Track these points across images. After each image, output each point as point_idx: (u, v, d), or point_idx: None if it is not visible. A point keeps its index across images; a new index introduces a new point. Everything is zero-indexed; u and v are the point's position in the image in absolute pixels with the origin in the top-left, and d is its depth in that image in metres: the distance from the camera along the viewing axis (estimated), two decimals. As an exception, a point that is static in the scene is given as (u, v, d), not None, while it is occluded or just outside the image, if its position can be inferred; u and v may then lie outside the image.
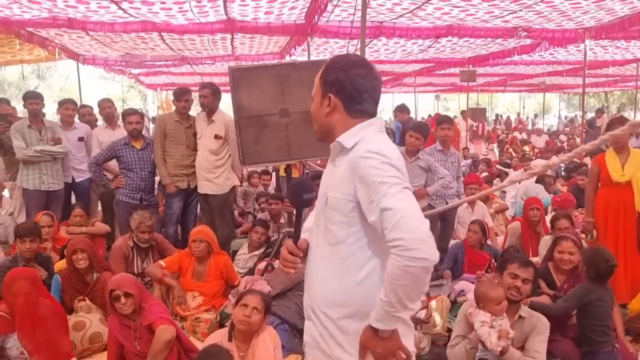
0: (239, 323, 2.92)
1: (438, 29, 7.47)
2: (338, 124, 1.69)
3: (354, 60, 1.70)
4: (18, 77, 25.67)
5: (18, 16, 6.45)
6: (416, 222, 1.44)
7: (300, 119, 4.25)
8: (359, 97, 1.67)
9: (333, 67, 1.69)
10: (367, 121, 1.68)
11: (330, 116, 1.70)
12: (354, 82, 1.65)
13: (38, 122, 5.34)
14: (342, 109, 1.68)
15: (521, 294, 3.10)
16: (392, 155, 1.57)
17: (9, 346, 3.27)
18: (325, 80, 1.69)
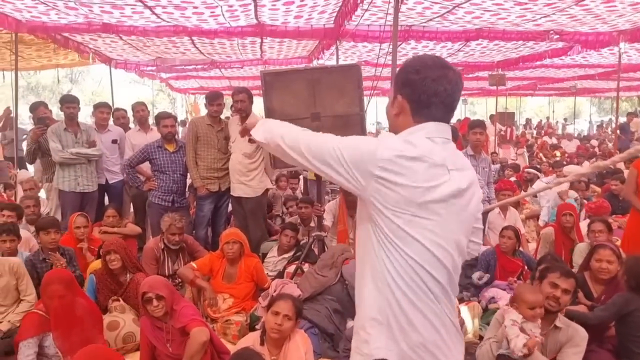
0: (270, 330, 2.93)
1: (468, 32, 7.39)
2: (403, 127, 1.62)
3: (428, 62, 1.59)
4: (52, 81, 26.32)
5: (54, 22, 6.62)
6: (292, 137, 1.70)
7: (331, 122, 4.25)
8: (427, 100, 1.56)
9: (407, 67, 1.61)
10: (417, 125, 1.59)
11: (397, 117, 1.63)
12: (424, 84, 1.56)
13: (74, 125, 5.47)
14: (408, 112, 1.60)
15: (560, 305, 3.01)
16: (387, 146, 1.50)
17: (47, 344, 3.36)
18: (397, 80, 1.63)
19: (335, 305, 3.96)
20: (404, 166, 1.47)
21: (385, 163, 1.47)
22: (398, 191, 1.47)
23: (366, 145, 1.51)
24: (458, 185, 1.55)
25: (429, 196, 1.49)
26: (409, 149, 1.49)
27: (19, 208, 5.09)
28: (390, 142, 1.51)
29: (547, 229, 5.41)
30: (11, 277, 3.91)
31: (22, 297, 3.97)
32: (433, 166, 1.50)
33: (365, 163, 1.49)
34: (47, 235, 4.25)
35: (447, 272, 1.54)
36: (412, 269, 1.50)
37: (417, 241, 1.50)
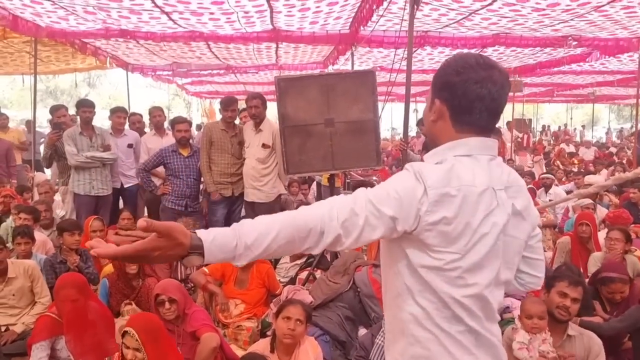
0: (283, 337, 2.91)
1: (484, 39, 7.35)
2: (442, 135, 1.46)
3: (471, 61, 1.40)
4: (70, 85, 26.70)
5: (73, 27, 6.71)
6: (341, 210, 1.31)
7: (345, 129, 4.24)
8: (469, 106, 1.39)
9: (446, 67, 1.44)
10: (458, 141, 1.42)
11: (435, 123, 1.47)
12: (465, 88, 1.38)
13: (89, 129, 5.53)
14: (447, 118, 1.44)
15: (570, 314, 2.95)
16: (429, 183, 1.31)
17: (59, 347, 3.38)
18: (436, 82, 1.46)
19: (347, 313, 3.93)
20: (450, 203, 1.32)
21: (430, 206, 1.31)
22: (443, 230, 1.32)
23: (404, 190, 1.32)
24: (507, 210, 1.40)
25: (478, 231, 1.35)
26: (452, 182, 1.33)
27: (35, 211, 5.13)
28: (430, 180, 1.32)
29: (563, 238, 5.32)
30: (26, 280, 3.95)
31: (37, 300, 4.01)
32: (479, 195, 1.35)
33: (408, 209, 1.31)
34: (71, 236, 4.30)
35: (489, 307, 1.43)
36: (452, 312, 1.38)
37: (460, 282, 1.37)
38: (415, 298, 1.40)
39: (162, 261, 1.29)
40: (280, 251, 1.30)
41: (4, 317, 3.91)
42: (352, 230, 1.30)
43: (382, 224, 1.31)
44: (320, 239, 1.30)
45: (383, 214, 1.30)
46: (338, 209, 1.31)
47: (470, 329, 1.40)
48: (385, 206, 1.30)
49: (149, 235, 1.20)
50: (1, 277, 3.88)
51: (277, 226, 1.27)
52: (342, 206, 1.32)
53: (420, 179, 1.32)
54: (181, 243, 1.19)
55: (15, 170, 7.28)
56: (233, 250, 1.22)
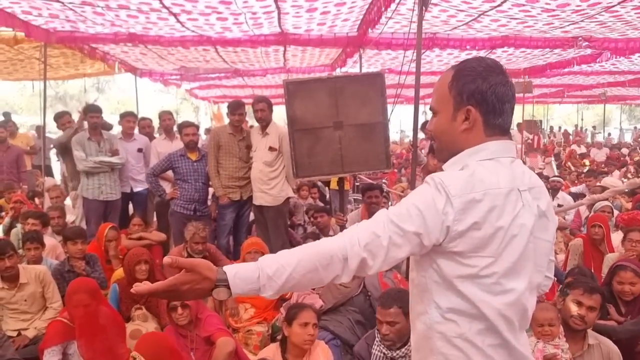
0: (303, 343, 2.90)
1: (494, 40, 7.30)
2: (471, 143, 1.42)
3: (491, 65, 1.42)
4: (79, 91, 26.91)
5: (82, 32, 6.74)
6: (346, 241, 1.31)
7: (354, 131, 4.23)
8: (501, 109, 1.41)
9: (469, 73, 1.41)
10: (478, 146, 1.41)
11: (466, 133, 1.43)
12: (496, 92, 1.39)
13: (97, 134, 5.56)
14: (480, 125, 1.42)
15: (586, 324, 2.86)
16: (454, 194, 1.30)
17: (71, 352, 3.38)
18: (461, 90, 1.41)
19: (358, 317, 3.91)
20: (477, 208, 1.30)
21: (457, 214, 1.29)
22: (474, 235, 1.31)
23: (424, 204, 1.31)
24: (533, 212, 1.39)
25: (508, 233, 1.33)
26: (476, 187, 1.32)
27: (44, 216, 5.16)
28: (453, 189, 1.30)
29: (576, 240, 5.26)
30: (37, 285, 3.97)
31: (48, 305, 4.03)
32: (505, 196, 1.34)
33: (431, 222, 1.30)
34: (74, 245, 4.31)
35: (526, 315, 1.43)
36: (488, 323, 1.36)
37: (498, 289, 1.35)
38: (445, 315, 1.38)
39: (193, 296, 1.33)
40: (306, 281, 1.32)
41: (16, 322, 3.93)
42: (377, 252, 1.30)
43: (407, 242, 1.31)
44: (344, 266, 1.30)
45: (406, 232, 1.30)
46: (359, 234, 1.32)
47: (503, 342, 1.38)
48: (407, 223, 1.30)
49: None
50: (13, 283, 3.90)
51: (297, 256, 1.31)
52: (363, 230, 1.33)
53: (442, 189, 1.31)
54: (207, 277, 1.27)
55: (25, 175, 7.34)
56: (257, 282, 1.28)
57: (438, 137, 1.51)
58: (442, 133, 1.48)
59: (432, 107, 1.51)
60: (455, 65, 1.46)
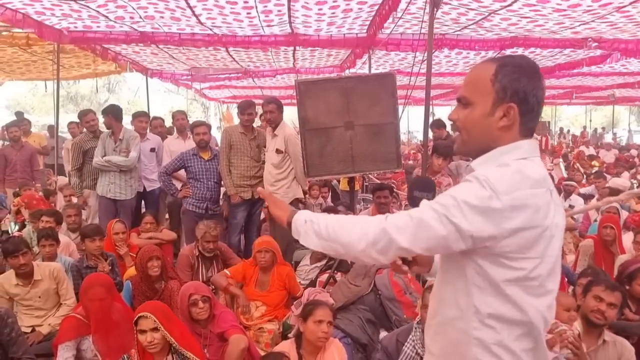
0: (317, 340, 2.92)
1: (503, 41, 7.30)
2: (505, 141, 1.39)
3: (535, 66, 1.40)
4: (90, 90, 27.09)
5: (95, 32, 6.79)
6: (407, 234, 1.33)
7: (365, 131, 4.26)
8: (537, 112, 1.40)
9: (517, 70, 1.37)
10: (511, 144, 1.38)
11: (503, 130, 1.39)
12: (537, 94, 1.37)
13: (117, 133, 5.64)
14: (517, 124, 1.38)
15: (606, 319, 2.89)
16: (500, 189, 1.27)
17: (84, 348, 3.42)
18: (506, 85, 1.36)
19: (369, 315, 3.93)
20: (525, 206, 1.29)
21: (507, 212, 1.27)
22: (523, 235, 1.29)
23: (480, 200, 1.27)
24: (561, 211, 1.40)
25: (549, 232, 1.32)
26: (522, 185, 1.30)
27: (57, 214, 5.22)
28: (501, 186, 1.28)
29: (586, 241, 5.26)
30: (51, 282, 4.01)
31: (62, 302, 4.07)
32: (544, 195, 1.33)
33: (490, 220, 1.27)
34: (92, 242, 4.37)
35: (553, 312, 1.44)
36: (525, 329, 1.37)
37: (541, 291, 1.35)
38: (484, 320, 1.36)
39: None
40: (340, 238, 1.41)
41: (30, 318, 3.97)
42: (419, 234, 1.33)
43: (448, 231, 1.30)
44: (381, 237, 1.35)
45: (455, 224, 1.29)
46: (395, 218, 1.38)
47: (536, 345, 1.39)
48: (456, 217, 1.29)
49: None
50: (27, 280, 3.94)
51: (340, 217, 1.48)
52: (400, 217, 1.37)
53: (489, 186, 1.28)
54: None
55: (39, 174, 7.42)
56: (303, 225, 1.51)
57: (467, 129, 1.44)
58: (473, 126, 1.42)
59: (464, 96, 1.44)
60: (497, 59, 1.42)
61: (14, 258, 3.85)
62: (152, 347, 2.63)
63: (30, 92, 31.44)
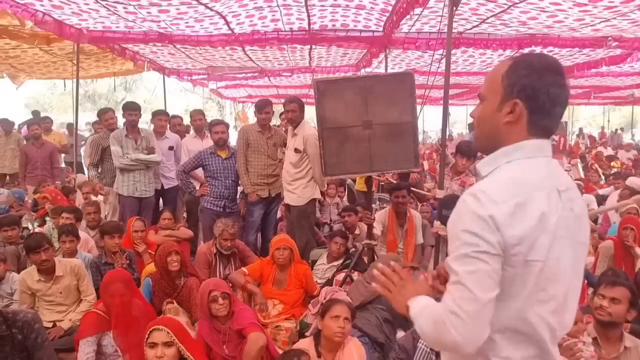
0: (334, 335, 2.92)
1: (521, 39, 7.24)
2: (511, 138, 1.39)
3: (551, 64, 1.38)
4: (108, 89, 27.38)
5: (113, 32, 6.87)
6: (468, 300, 1.28)
7: (383, 130, 4.24)
8: (550, 110, 1.37)
9: (526, 67, 1.37)
10: (514, 145, 1.38)
11: (509, 126, 1.39)
12: (549, 92, 1.35)
13: (135, 131, 5.66)
14: (524, 121, 1.38)
15: (610, 315, 2.86)
16: (498, 200, 1.27)
17: (105, 343, 3.45)
18: (513, 82, 1.37)
19: (386, 315, 3.92)
20: (524, 211, 1.28)
21: (507, 220, 1.27)
22: (527, 240, 1.29)
23: (479, 225, 1.27)
24: (572, 213, 1.37)
25: (553, 235, 1.31)
26: (518, 190, 1.30)
27: (77, 210, 5.30)
28: (496, 196, 1.28)
29: (606, 243, 5.19)
30: (72, 278, 4.06)
31: (83, 297, 4.12)
32: (547, 197, 1.32)
33: (492, 234, 1.27)
34: (111, 239, 4.43)
35: (563, 319, 1.41)
36: (524, 336, 1.35)
37: (542, 296, 1.33)
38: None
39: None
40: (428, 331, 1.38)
41: (51, 313, 4.03)
42: (478, 286, 1.28)
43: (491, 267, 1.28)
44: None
45: (484, 251, 1.28)
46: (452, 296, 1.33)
47: (540, 353, 1.37)
48: (479, 245, 1.28)
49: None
50: (49, 276, 3.99)
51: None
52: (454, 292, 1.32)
53: (485, 198, 1.29)
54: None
55: (58, 171, 7.52)
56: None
57: (479, 124, 1.48)
58: (483, 120, 1.46)
59: (480, 93, 1.49)
60: (514, 57, 1.43)
61: (36, 254, 3.90)
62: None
63: (48, 90, 31.83)
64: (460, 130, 23.74)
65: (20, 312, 3.27)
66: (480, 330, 1.29)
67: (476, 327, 1.28)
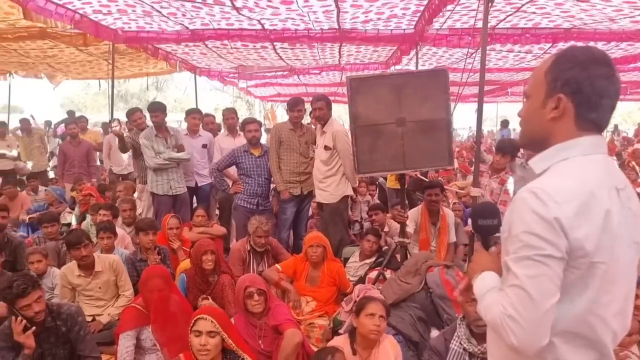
0: (369, 333, 2.92)
1: (556, 34, 7.08)
2: (560, 134, 1.36)
3: (596, 55, 1.33)
4: (139, 89, 27.92)
5: (147, 32, 6.99)
6: (527, 305, 1.24)
7: (417, 128, 4.21)
8: (598, 103, 1.32)
9: (569, 61, 1.34)
10: (570, 141, 1.34)
11: (555, 122, 1.36)
12: (594, 84, 1.31)
13: (163, 131, 5.75)
14: (572, 116, 1.34)
15: None
16: (561, 200, 1.23)
17: (144, 337, 3.52)
18: (556, 76, 1.34)
19: (420, 314, 3.90)
20: (588, 211, 1.24)
21: (571, 221, 1.22)
22: (591, 242, 1.25)
23: (544, 227, 1.23)
24: (631, 212, 1.33)
25: (614, 234, 1.27)
26: (580, 188, 1.26)
27: (114, 207, 5.42)
28: (558, 196, 1.24)
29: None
30: (111, 273, 4.16)
31: (121, 293, 4.22)
32: (608, 196, 1.28)
33: (558, 237, 1.23)
34: (146, 236, 4.52)
35: (624, 321, 1.37)
36: (586, 340, 1.32)
37: (603, 299, 1.30)
38: None
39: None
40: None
41: (91, 308, 4.13)
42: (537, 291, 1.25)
43: (553, 270, 1.25)
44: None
45: (547, 255, 1.25)
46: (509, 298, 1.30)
47: (600, 358, 1.34)
48: (543, 248, 1.24)
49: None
50: (89, 271, 4.10)
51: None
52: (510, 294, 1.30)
53: (547, 198, 1.25)
54: None
55: (95, 169, 7.70)
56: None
57: (524, 122, 1.45)
58: (529, 118, 1.44)
59: (525, 91, 1.47)
60: (558, 52, 1.41)
61: (76, 250, 4.01)
62: (204, 353, 2.58)
63: (82, 91, 32.62)
64: (490, 127, 23.33)
65: (65, 304, 3.40)
66: (541, 337, 1.25)
67: (536, 333, 1.25)
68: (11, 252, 4.61)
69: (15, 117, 11.57)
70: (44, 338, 3.12)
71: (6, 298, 2.99)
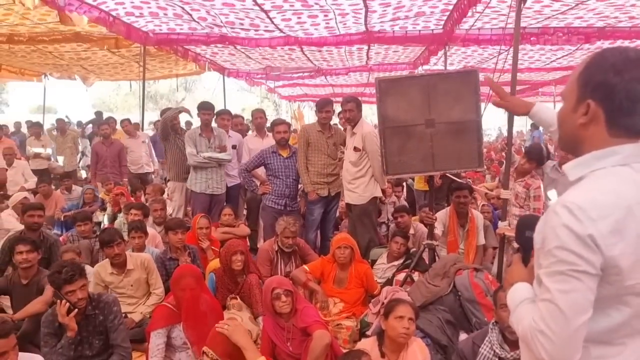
0: (398, 336, 2.91)
1: (589, 33, 6.93)
2: (591, 141, 1.30)
3: (630, 57, 1.25)
4: (168, 90, 28.36)
5: (176, 34, 7.10)
6: (559, 321, 1.21)
7: (446, 129, 4.16)
8: (631, 108, 1.25)
9: (601, 64, 1.27)
10: (607, 149, 1.27)
11: (585, 128, 1.31)
12: (627, 88, 1.24)
13: (208, 130, 5.83)
14: (602, 122, 1.28)
15: None
16: (596, 216, 1.18)
17: (174, 335, 3.58)
18: (587, 81, 1.29)
19: (448, 316, 3.86)
20: (625, 228, 1.19)
21: (606, 239, 1.18)
22: (628, 258, 1.20)
23: (578, 244, 1.19)
24: None
25: None
26: (618, 202, 1.20)
27: (144, 207, 5.53)
28: (594, 212, 1.18)
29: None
30: (142, 272, 4.24)
31: (152, 291, 4.30)
32: None
33: (593, 253, 1.19)
34: (175, 235, 4.59)
35: None
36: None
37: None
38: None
39: None
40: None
41: (123, 305, 4.13)
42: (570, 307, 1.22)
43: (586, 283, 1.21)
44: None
45: (582, 271, 1.20)
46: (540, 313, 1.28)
47: None
48: (577, 264, 1.20)
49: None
50: (121, 269, 4.19)
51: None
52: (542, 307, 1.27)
53: (581, 214, 1.19)
54: None
55: (126, 169, 7.84)
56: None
57: (560, 125, 1.42)
58: (563, 122, 1.40)
59: (561, 92, 1.43)
60: (593, 54, 1.34)
61: (109, 248, 4.10)
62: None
63: (113, 92, 33.29)
64: (519, 127, 22.91)
65: (104, 294, 3.54)
66: (572, 353, 1.22)
67: (567, 349, 1.21)
68: (47, 249, 4.73)
69: (49, 117, 11.89)
70: (83, 326, 3.23)
71: (54, 282, 3.14)
